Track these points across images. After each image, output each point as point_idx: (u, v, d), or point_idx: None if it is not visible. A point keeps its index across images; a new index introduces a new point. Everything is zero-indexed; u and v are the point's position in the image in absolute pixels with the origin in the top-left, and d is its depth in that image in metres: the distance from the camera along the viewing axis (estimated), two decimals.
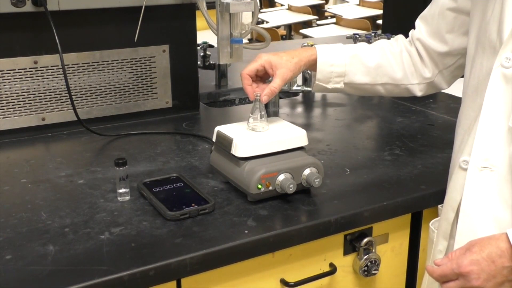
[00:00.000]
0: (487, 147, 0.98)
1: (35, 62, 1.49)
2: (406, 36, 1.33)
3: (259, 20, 5.56)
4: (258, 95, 1.20)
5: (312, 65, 1.27)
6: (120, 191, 1.15)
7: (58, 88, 1.53)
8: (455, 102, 1.82)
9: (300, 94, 1.93)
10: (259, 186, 1.11)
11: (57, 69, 1.51)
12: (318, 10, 7.11)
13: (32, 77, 1.50)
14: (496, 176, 0.97)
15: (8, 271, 0.92)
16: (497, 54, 0.96)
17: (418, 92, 1.30)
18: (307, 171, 1.14)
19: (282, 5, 7.24)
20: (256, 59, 1.24)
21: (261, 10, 6.56)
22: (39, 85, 1.51)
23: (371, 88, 1.30)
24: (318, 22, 6.13)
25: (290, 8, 6.60)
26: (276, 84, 1.21)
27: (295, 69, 1.23)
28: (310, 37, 4.79)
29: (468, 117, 1.05)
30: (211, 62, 2.10)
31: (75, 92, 1.55)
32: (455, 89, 1.97)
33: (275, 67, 1.22)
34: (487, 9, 1.02)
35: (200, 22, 1.67)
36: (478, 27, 1.05)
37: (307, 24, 6.14)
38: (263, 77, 1.27)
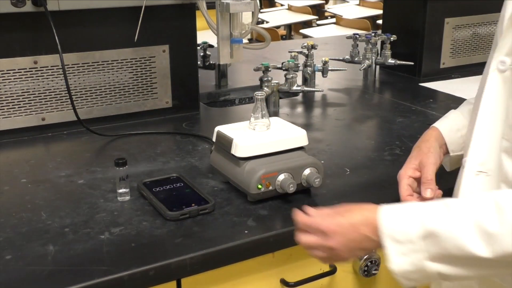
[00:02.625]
0: (483, 151, 0.96)
1: (35, 62, 1.49)
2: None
3: (259, 20, 5.56)
4: (258, 94, 1.20)
5: (442, 145, 1.15)
6: (120, 191, 1.15)
7: (58, 88, 1.53)
8: (455, 102, 1.82)
9: (300, 94, 1.93)
10: (259, 186, 1.11)
11: (57, 69, 1.51)
12: (318, 10, 7.11)
13: (32, 77, 1.50)
14: (492, 181, 0.95)
15: (8, 271, 0.92)
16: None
17: None
18: (307, 171, 1.14)
19: (282, 5, 7.23)
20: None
21: (261, 10, 6.56)
22: (39, 85, 1.51)
23: None
24: (318, 22, 6.13)
25: (290, 8, 6.60)
26: (432, 179, 1.07)
27: (438, 161, 1.11)
28: (310, 37, 4.79)
29: (473, 119, 1.03)
30: (211, 62, 2.09)
31: (75, 92, 1.55)
32: (455, 89, 1.98)
33: (423, 164, 1.10)
34: None
35: (200, 22, 1.67)
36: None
37: (307, 24, 6.14)
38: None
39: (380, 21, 5.09)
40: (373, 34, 2.07)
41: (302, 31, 5.38)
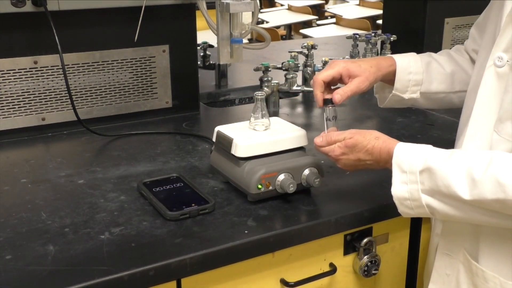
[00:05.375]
0: (476, 142, 0.99)
1: (35, 62, 1.49)
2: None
3: (259, 20, 5.56)
4: (258, 94, 1.19)
5: (389, 76, 1.20)
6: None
7: (58, 88, 1.53)
8: None
9: (300, 94, 1.93)
10: (259, 186, 1.11)
11: (57, 69, 1.51)
12: (318, 10, 7.11)
13: (32, 77, 1.50)
14: None
15: (8, 271, 0.92)
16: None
17: None
18: (307, 171, 1.14)
19: (282, 5, 7.23)
20: (332, 66, 1.15)
21: (261, 10, 6.55)
22: (39, 85, 1.51)
23: (445, 97, 1.25)
24: (318, 22, 6.13)
25: (290, 8, 6.60)
26: (349, 88, 1.13)
27: (372, 79, 1.16)
28: (310, 37, 4.79)
29: (465, 113, 1.07)
30: (211, 62, 2.09)
31: (75, 92, 1.55)
32: None
33: (353, 75, 1.14)
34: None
35: (200, 22, 1.67)
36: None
37: (307, 24, 6.13)
38: (333, 85, 1.17)
39: (380, 21, 5.08)
40: (373, 34, 2.07)
41: (302, 31, 5.38)
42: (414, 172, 0.96)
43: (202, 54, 2.07)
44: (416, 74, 1.21)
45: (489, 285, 0.97)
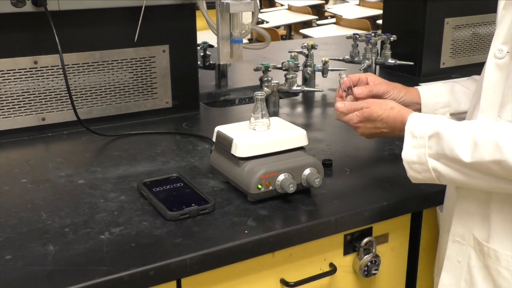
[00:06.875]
0: None
1: (35, 62, 1.49)
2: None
3: (259, 20, 5.56)
4: (258, 94, 1.20)
5: (415, 102, 1.26)
6: None
7: (58, 88, 1.53)
8: None
9: (300, 94, 1.93)
10: (259, 186, 1.11)
11: (57, 69, 1.51)
12: (318, 10, 7.11)
13: (32, 77, 1.50)
14: None
15: (8, 271, 0.92)
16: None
17: None
18: (307, 171, 1.14)
19: (282, 5, 7.23)
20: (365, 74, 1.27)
21: (261, 10, 6.56)
22: (39, 85, 1.51)
23: None
24: (318, 22, 6.13)
25: (290, 8, 6.60)
26: (374, 87, 1.22)
27: (395, 89, 1.25)
28: (310, 37, 4.78)
29: (472, 102, 1.10)
30: (211, 62, 2.09)
31: (75, 92, 1.55)
32: None
33: (377, 81, 1.24)
34: None
35: (200, 22, 1.67)
36: None
37: (307, 24, 6.13)
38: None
39: (380, 21, 5.09)
40: (373, 34, 2.07)
41: (302, 31, 5.38)
42: (424, 137, 1.01)
43: (202, 54, 2.07)
44: (442, 97, 1.27)
45: (502, 264, 0.99)
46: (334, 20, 5.99)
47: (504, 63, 0.99)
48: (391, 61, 2.06)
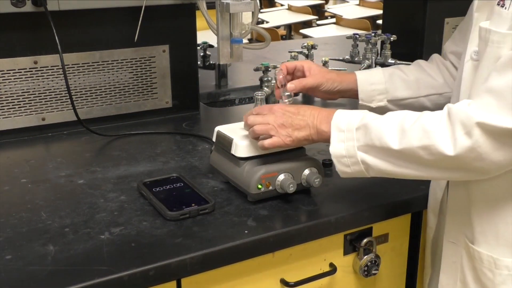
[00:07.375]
0: None
1: (35, 62, 1.49)
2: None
3: (259, 20, 5.56)
4: (258, 94, 1.19)
5: (351, 88, 1.31)
6: None
7: (58, 88, 1.53)
8: None
9: (300, 94, 1.93)
10: (259, 186, 1.11)
11: (57, 69, 1.51)
12: (318, 10, 7.11)
13: (32, 77, 1.50)
14: None
15: (8, 271, 0.92)
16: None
17: None
18: (307, 171, 1.14)
19: (282, 5, 7.23)
20: (301, 61, 1.29)
21: (261, 10, 6.55)
22: (39, 85, 1.51)
23: (415, 102, 1.32)
24: (318, 22, 6.12)
25: (290, 8, 6.59)
26: (306, 80, 1.24)
27: (328, 80, 1.27)
28: (310, 37, 4.78)
29: (451, 100, 1.11)
30: (211, 62, 2.09)
31: (75, 92, 1.55)
32: None
33: (313, 71, 1.26)
34: None
35: (200, 22, 1.67)
36: None
37: (307, 24, 6.13)
38: (296, 76, 1.29)
39: (380, 21, 5.08)
40: (373, 34, 2.07)
41: (302, 31, 5.37)
42: (351, 130, 1.01)
43: (202, 54, 2.07)
44: (378, 84, 1.31)
45: (485, 265, 1.01)
46: (334, 20, 5.99)
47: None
48: (391, 61, 2.06)
